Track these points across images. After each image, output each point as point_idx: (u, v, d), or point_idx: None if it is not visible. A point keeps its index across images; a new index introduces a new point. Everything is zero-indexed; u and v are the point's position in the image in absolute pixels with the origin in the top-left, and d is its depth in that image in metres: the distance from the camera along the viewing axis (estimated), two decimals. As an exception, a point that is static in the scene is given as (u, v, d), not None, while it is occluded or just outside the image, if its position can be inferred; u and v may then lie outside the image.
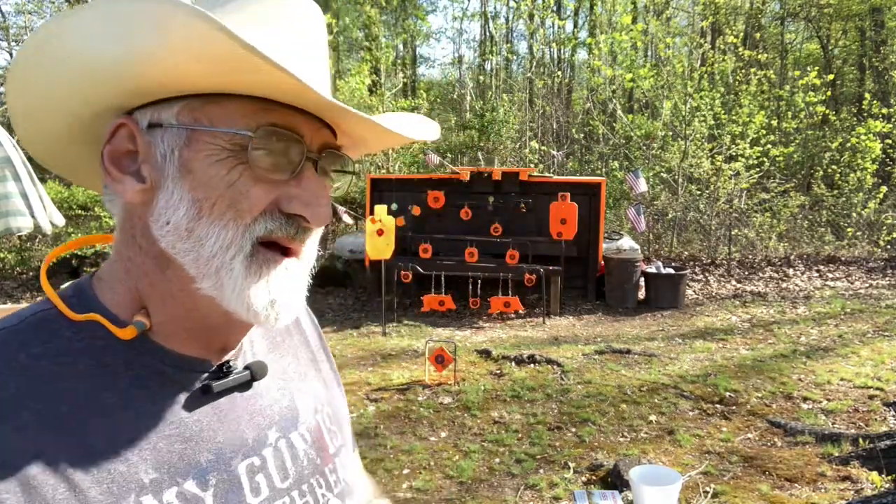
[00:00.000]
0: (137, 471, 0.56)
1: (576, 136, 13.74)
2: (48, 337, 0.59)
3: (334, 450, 0.76)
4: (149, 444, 0.58)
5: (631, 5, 15.55)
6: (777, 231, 10.52)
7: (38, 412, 0.54)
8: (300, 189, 0.60)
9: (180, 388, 0.62)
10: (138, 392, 0.60)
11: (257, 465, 0.65)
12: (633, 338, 6.36)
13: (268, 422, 0.69)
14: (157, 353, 0.62)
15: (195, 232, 0.58)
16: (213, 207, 0.58)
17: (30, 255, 10.53)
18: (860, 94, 13.90)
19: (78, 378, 0.57)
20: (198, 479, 0.60)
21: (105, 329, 0.60)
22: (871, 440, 3.62)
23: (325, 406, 0.78)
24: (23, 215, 4.24)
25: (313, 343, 0.85)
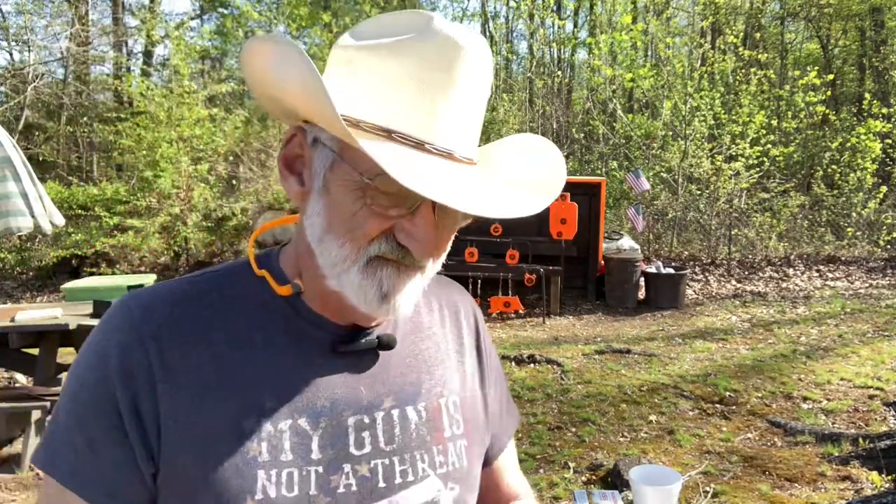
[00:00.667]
0: (263, 397, 0.70)
1: (576, 136, 13.74)
2: (236, 281, 0.76)
3: (450, 434, 0.80)
4: (278, 379, 0.71)
5: (631, 5, 15.54)
6: (777, 231, 10.52)
7: (206, 335, 0.71)
8: (411, 224, 0.66)
9: (315, 342, 0.75)
10: (282, 337, 0.73)
11: (366, 422, 0.74)
12: (633, 338, 6.36)
13: (386, 389, 0.77)
14: (304, 310, 0.75)
15: (324, 241, 0.69)
16: (336, 227, 0.67)
17: (30, 255, 10.53)
18: (860, 94, 13.89)
19: (245, 316, 0.73)
20: (310, 419, 0.71)
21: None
22: (871, 440, 3.62)
23: (454, 395, 0.83)
24: (23, 215, 4.24)
25: (467, 339, 0.90)
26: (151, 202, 9.88)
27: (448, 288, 0.94)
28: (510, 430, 1.00)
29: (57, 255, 9.81)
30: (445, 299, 0.92)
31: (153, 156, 9.87)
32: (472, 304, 0.96)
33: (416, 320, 0.85)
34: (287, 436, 0.69)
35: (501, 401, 0.96)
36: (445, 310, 0.91)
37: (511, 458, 1.02)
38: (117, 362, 0.67)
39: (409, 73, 0.64)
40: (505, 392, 0.99)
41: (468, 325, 0.92)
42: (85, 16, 15.31)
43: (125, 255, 10.11)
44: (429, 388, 0.81)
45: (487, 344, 0.94)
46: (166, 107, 10.12)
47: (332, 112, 0.58)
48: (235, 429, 0.68)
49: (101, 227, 9.80)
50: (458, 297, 0.95)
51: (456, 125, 0.66)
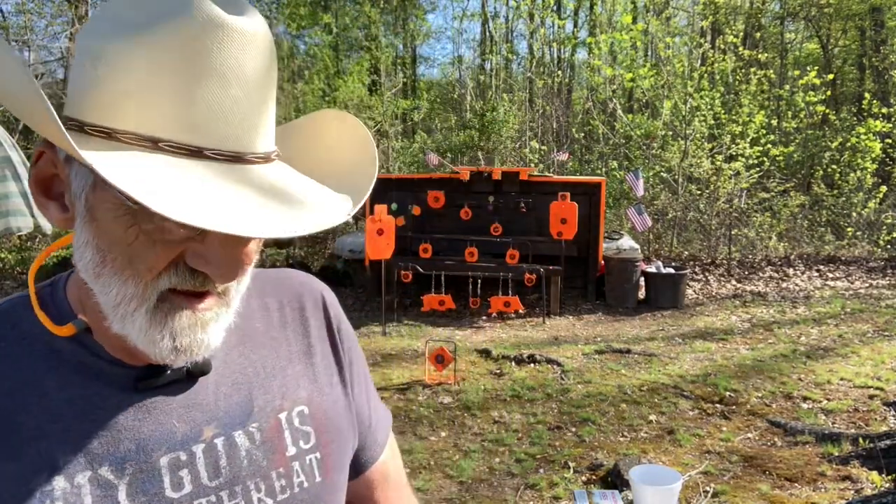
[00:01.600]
0: (54, 451, 0.59)
1: (576, 136, 13.74)
2: (20, 319, 0.64)
3: (295, 451, 0.70)
4: (71, 428, 0.60)
5: (631, 5, 15.55)
6: (777, 231, 10.52)
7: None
8: (203, 247, 0.56)
9: (111, 382, 0.63)
10: (74, 379, 0.62)
11: (183, 459, 0.64)
12: (633, 338, 6.36)
13: (206, 417, 0.66)
14: (95, 348, 0.64)
15: (101, 279, 0.58)
16: (115, 262, 0.57)
17: (30, 255, 10.53)
18: (860, 94, 13.89)
19: (31, 358, 0.62)
20: (113, 467, 0.60)
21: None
22: (871, 440, 3.62)
23: (299, 404, 0.73)
24: (23, 215, 4.24)
25: (315, 334, 0.79)
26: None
27: (289, 282, 0.82)
28: (381, 432, 0.88)
29: (57, 255, 9.81)
30: (287, 295, 0.80)
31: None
32: (318, 290, 0.83)
33: (245, 328, 0.73)
34: (87, 490, 0.59)
35: (369, 399, 0.86)
36: (287, 308, 0.79)
37: (391, 469, 0.89)
38: None
39: (170, 64, 0.52)
40: (372, 390, 0.88)
41: (316, 318, 0.80)
42: (85, 16, 15.30)
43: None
44: (263, 404, 0.70)
45: (345, 334, 0.83)
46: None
47: (48, 117, 0.47)
48: (23, 492, 0.56)
49: (101, 227, 9.79)
50: (303, 289, 0.82)
51: (239, 120, 0.55)
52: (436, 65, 22.36)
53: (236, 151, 0.55)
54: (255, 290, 0.76)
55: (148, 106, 0.53)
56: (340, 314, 0.84)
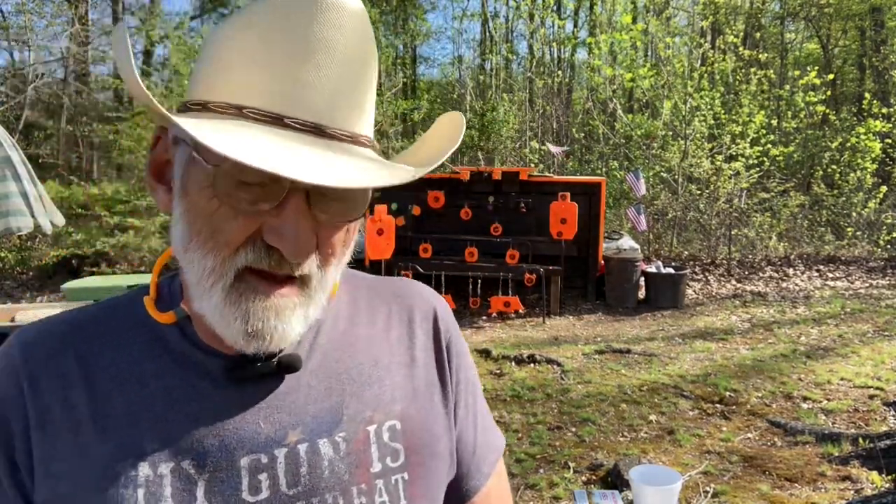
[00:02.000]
0: (143, 437, 0.60)
1: (576, 136, 13.74)
2: (135, 309, 0.67)
3: (380, 469, 0.66)
4: (162, 417, 0.61)
5: (631, 5, 15.55)
6: (777, 231, 10.52)
7: (91, 371, 0.63)
8: (279, 220, 0.56)
9: (205, 373, 0.64)
10: (172, 368, 0.64)
11: (264, 462, 0.62)
12: (633, 338, 6.36)
13: (292, 420, 0.64)
14: (193, 337, 0.65)
15: (187, 253, 0.58)
16: (199, 235, 0.57)
17: (30, 255, 10.53)
18: (860, 94, 13.90)
19: (137, 346, 0.65)
20: (196, 462, 0.60)
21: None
22: (871, 440, 3.62)
23: (391, 418, 0.69)
24: (23, 215, 4.24)
25: (420, 347, 0.75)
26: (151, 202, 9.87)
27: (401, 291, 0.79)
28: (489, 459, 0.81)
29: (57, 254, 9.82)
30: (396, 304, 0.77)
31: (153, 156, 9.87)
32: (435, 305, 0.80)
33: (347, 333, 0.72)
34: (168, 481, 0.59)
35: (476, 421, 0.80)
36: (394, 317, 0.76)
37: (494, 499, 0.81)
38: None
39: (261, 38, 0.55)
40: (481, 411, 0.82)
41: (424, 330, 0.77)
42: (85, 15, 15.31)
43: (125, 255, 10.11)
44: (353, 413, 0.67)
45: (455, 351, 0.78)
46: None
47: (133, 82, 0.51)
48: (109, 474, 0.58)
49: (101, 227, 9.79)
50: (415, 299, 0.79)
51: (325, 94, 0.56)
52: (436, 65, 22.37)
53: (317, 123, 0.56)
54: (363, 296, 0.76)
55: (238, 78, 0.56)
56: (453, 330, 0.80)
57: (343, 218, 0.60)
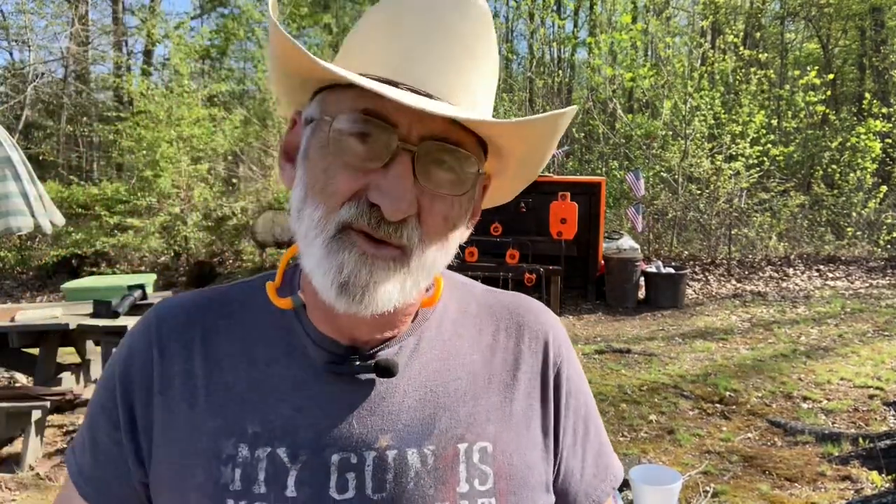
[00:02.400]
0: (246, 420, 0.64)
1: (576, 136, 13.74)
2: (258, 293, 0.71)
3: (467, 490, 0.64)
4: (268, 401, 0.65)
5: (631, 5, 15.54)
6: (777, 231, 10.52)
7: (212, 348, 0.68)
8: (384, 178, 0.58)
9: (311, 363, 0.67)
10: (282, 355, 0.67)
11: (353, 462, 0.63)
12: (633, 337, 6.36)
13: (384, 425, 0.64)
14: (306, 326, 0.68)
15: (302, 212, 0.61)
16: (313, 190, 0.61)
17: (30, 255, 10.53)
18: (860, 94, 13.90)
19: (255, 329, 0.69)
20: (290, 450, 0.63)
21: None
22: (871, 440, 3.62)
23: (483, 440, 0.66)
24: (23, 215, 4.24)
25: (524, 370, 0.72)
26: (151, 202, 9.88)
27: (516, 308, 0.77)
28: (602, 487, 0.77)
29: (57, 254, 9.82)
30: (507, 322, 0.75)
31: (153, 155, 9.87)
32: (549, 328, 0.76)
33: (450, 344, 0.70)
34: (263, 465, 0.62)
35: (586, 455, 0.76)
36: (502, 334, 0.74)
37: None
38: (122, 369, 0.68)
39: (388, 19, 0.62)
40: (592, 444, 0.77)
41: (532, 354, 0.73)
42: (85, 15, 15.31)
43: (125, 255, 10.13)
44: (445, 428, 0.65)
45: (566, 379, 0.74)
46: (166, 106, 10.13)
47: (290, 44, 0.56)
48: (213, 449, 0.63)
49: (101, 227, 9.79)
50: (528, 319, 0.76)
51: (437, 68, 0.60)
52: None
53: (428, 92, 0.60)
54: (472, 306, 0.75)
55: (363, 54, 0.62)
56: (567, 358, 0.76)
57: (447, 190, 0.61)
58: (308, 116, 0.65)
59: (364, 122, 0.58)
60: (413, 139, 0.58)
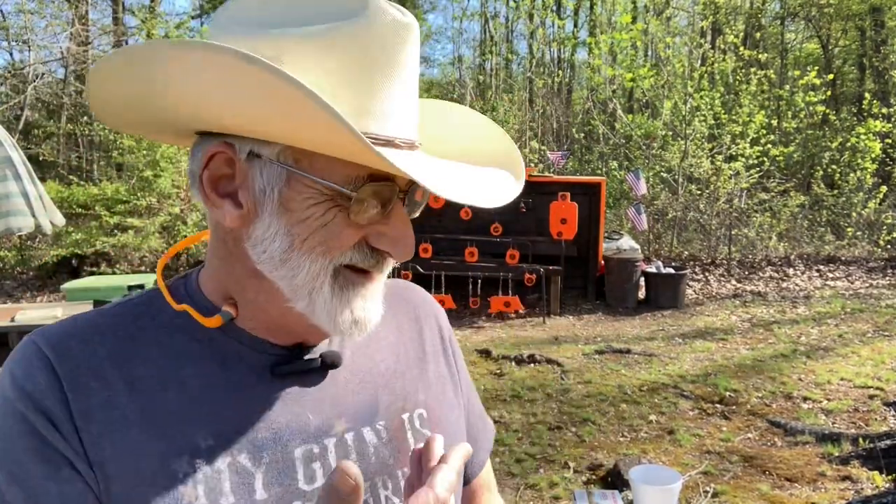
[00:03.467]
0: (195, 434, 0.62)
1: (576, 136, 13.74)
2: (158, 311, 0.68)
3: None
4: (212, 414, 0.63)
5: (631, 5, 15.54)
6: (777, 231, 10.52)
7: (128, 372, 0.62)
8: (388, 227, 0.62)
9: (252, 368, 0.66)
10: (214, 366, 0.65)
11: (315, 452, 0.66)
12: (633, 337, 6.36)
13: (337, 411, 0.69)
14: (239, 334, 0.67)
15: (289, 262, 0.61)
16: (305, 242, 0.61)
17: (30, 255, 10.52)
18: (860, 94, 13.89)
19: (171, 347, 0.65)
20: (251, 455, 0.63)
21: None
22: (871, 440, 3.62)
23: (419, 407, 0.75)
24: (23, 215, 4.24)
25: (429, 344, 0.83)
26: (151, 202, 9.88)
27: (406, 292, 0.87)
28: (487, 443, 0.91)
29: (57, 254, 9.81)
30: (403, 304, 0.84)
31: (153, 155, 9.87)
32: (434, 306, 0.89)
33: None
34: (226, 475, 0.61)
35: (475, 410, 0.89)
36: (402, 316, 0.83)
37: (489, 477, 0.92)
38: (33, 409, 0.58)
39: (359, 65, 0.57)
40: (477, 401, 0.91)
41: (430, 328, 0.84)
42: (85, 15, 15.31)
43: (125, 255, 10.12)
44: (388, 403, 0.73)
45: (455, 348, 0.87)
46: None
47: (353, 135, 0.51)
48: (166, 473, 0.59)
49: (101, 227, 9.79)
50: (418, 300, 0.87)
51: (408, 112, 0.62)
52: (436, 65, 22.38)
53: (410, 140, 0.62)
54: None
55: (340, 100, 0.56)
56: (451, 330, 0.89)
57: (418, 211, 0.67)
58: (255, 153, 0.60)
59: (375, 187, 0.59)
60: (403, 185, 0.62)
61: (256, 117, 0.56)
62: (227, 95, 0.55)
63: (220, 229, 0.66)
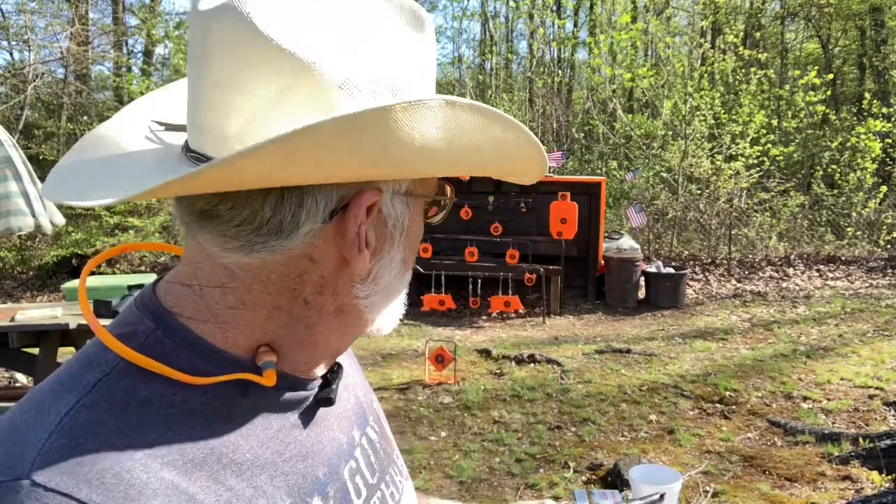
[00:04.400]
0: (275, 500, 0.55)
1: (576, 136, 13.74)
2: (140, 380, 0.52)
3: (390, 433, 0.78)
4: (277, 471, 0.56)
5: (631, 4, 15.54)
6: (777, 231, 10.52)
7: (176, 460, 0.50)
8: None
9: (291, 407, 0.60)
10: (255, 419, 0.56)
11: (354, 467, 0.66)
12: (633, 337, 6.36)
13: (349, 423, 0.69)
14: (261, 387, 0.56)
15: (393, 286, 0.63)
16: (408, 263, 0.64)
17: (30, 255, 10.53)
18: (860, 94, 13.89)
19: (197, 418, 0.53)
20: (321, 494, 0.60)
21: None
22: (871, 440, 3.62)
23: (373, 397, 0.80)
24: (24, 215, 4.24)
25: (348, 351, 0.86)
26: (152, 202, 9.88)
27: None
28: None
29: (57, 254, 9.82)
30: None
31: (153, 155, 9.87)
32: None
33: None
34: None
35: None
36: None
37: None
38: None
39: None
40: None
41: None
42: (85, 15, 15.31)
43: (125, 255, 10.12)
44: (365, 401, 0.76)
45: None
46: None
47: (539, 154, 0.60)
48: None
49: (102, 227, 9.80)
50: None
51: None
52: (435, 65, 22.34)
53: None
54: None
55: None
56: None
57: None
58: (400, 190, 0.58)
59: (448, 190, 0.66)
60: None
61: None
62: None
63: (287, 275, 0.55)
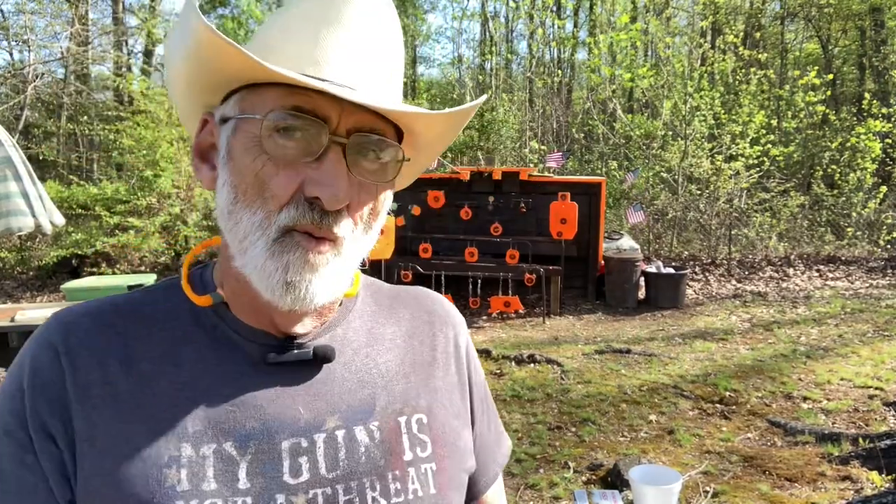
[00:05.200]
0: (184, 418, 0.63)
1: (576, 136, 13.75)
2: (170, 295, 0.71)
3: (411, 458, 0.70)
4: (203, 399, 0.64)
5: (631, 5, 15.55)
6: (777, 231, 10.52)
7: (130, 353, 0.65)
8: (319, 171, 0.61)
9: (244, 356, 0.67)
10: (211, 352, 0.67)
11: (304, 446, 0.65)
12: (633, 338, 6.36)
13: (329, 408, 0.68)
14: (232, 322, 0.69)
15: (233, 215, 0.63)
16: (245, 194, 0.62)
17: (30, 255, 10.53)
18: (860, 94, 13.89)
19: (173, 330, 0.67)
20: (238, 443, 0.63)
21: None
22: (871, 440, 3.62)
23: (418, 412, 0.73)
24: (24, 215, 4.24)
25: (441, 351, 0.81)
26: (152, 202, 9.88)
27: (425, 299, 0.86)
28: (500, 459, 0.88)
29: (57, 254, 9.81)
30: (418, 309, 0.83)
31: (153, 155, 9.87)
32: (455, 318, 0.86)
33: (374, 331, 0.77)
34: (210, 462, 0.62)
35: (490, 424, 0.86)
36: (417, 320, 0.82)
37: (499, 495, 0.89)
38: (27, 386, 0.62)
39: (303, 20, 0.63)
40: (493, 415, 0.88)
41: (444, 336, 0.82)
42: (85, 15, 15.30)
43: (125, 255, 10.11)
44: (384, 405, 0.71)
45: (471, 358, 0.85)
46: (166, 106, 10.13)
47: (224, 43, 0.56)
48: (152, 453, 0.61)
49: (102, 227, 9.79)
50: (437, 308, 0.85)
51: (352, 62, 0.63)
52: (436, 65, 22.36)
53: (345, 85, 0.62)
54: (384, 299, 0.82)
55: (283, 50, 0.62)
56: (469, 341, 0.87)
57: (376, 178, 0.65)
58: (223, 116, 0.65)
59: (296, 118, 0.60)
60: (342, 132, 0.62)
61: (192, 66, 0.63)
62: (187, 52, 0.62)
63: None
